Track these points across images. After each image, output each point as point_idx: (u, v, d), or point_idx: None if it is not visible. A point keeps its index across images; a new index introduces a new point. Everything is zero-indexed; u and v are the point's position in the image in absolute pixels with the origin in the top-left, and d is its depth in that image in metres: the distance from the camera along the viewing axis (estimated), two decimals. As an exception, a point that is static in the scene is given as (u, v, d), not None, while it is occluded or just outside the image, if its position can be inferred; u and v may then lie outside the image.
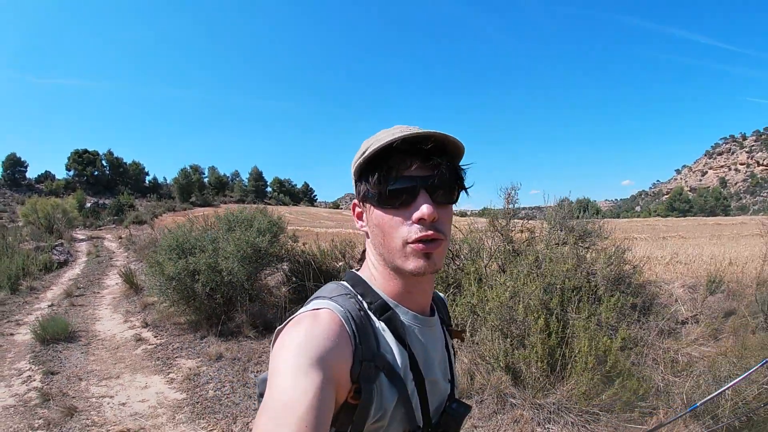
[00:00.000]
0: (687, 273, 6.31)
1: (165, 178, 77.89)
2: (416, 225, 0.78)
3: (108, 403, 4.21)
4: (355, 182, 0.87)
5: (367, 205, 0.86)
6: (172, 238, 6.67)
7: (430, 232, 0.79)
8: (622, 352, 3.64)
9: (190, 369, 4.98)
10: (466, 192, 0.86)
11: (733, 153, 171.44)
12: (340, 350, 0.73)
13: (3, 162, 59.57)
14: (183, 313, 6.46)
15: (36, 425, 3.79)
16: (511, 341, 3.77)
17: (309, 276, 6.29)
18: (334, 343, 0.72)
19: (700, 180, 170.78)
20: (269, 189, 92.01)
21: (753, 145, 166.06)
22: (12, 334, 6.68)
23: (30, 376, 4.95)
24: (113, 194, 56.90)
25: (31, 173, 64.34)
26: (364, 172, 0.83)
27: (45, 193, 49.15)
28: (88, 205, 40.16)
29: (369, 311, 0.84)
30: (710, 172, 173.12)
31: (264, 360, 5.02)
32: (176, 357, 5.42)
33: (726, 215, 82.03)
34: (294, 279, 6.57)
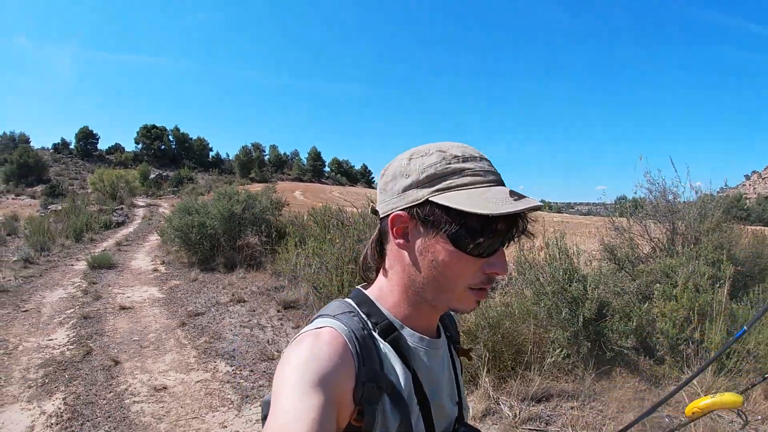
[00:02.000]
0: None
1: (228, 154, 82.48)
2: (485, 276, 0.78)
3: (120, 297, 7.17)
4: (415, 197, 0.78)
5: (428, 230, 0.78)
6: (182, 203, 9.68)
7: (491, 284, 0.81)
8: None
9: (174, 284, 7.94)
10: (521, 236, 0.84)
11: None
12: (343, 371, 0.71)
13: (76, 134, 66.75)
14: (185, 255, 9.49)
15: (77, 304, 6.77)
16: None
17: (273, 236, 9.08)
18: (337, 364, 0.71)
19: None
20: (327, 169, 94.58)
21: None
22: (73, 265, 9.94)
23: (79, 284, 8.02)
24: (177, 167, 61.96)
25: (102, 145, 71.15)
26: (444, 197, 0.76)
27: (114, 164, 55.11)
28: (152, 176, 45.08)
29: (373, 331, 0.82)
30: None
31: (221, 285, 7.84)
32: (170, 279, 8.42)
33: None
34: (265, 238, 9.38)
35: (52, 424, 3.41)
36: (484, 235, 0.75)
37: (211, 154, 79.80)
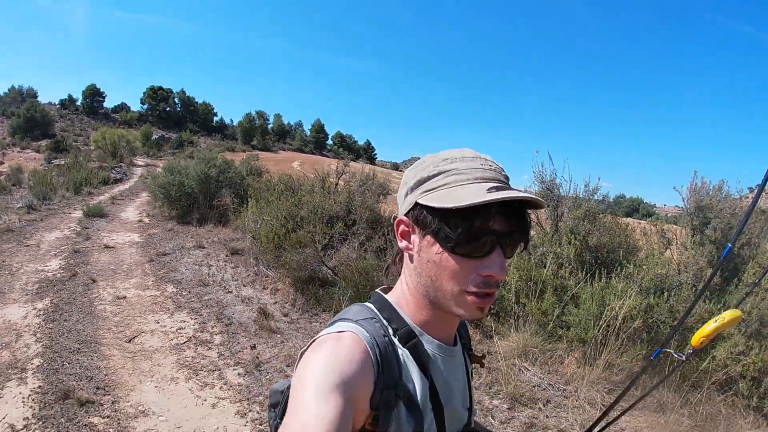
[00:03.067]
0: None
1: (232, 120, 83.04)
2: (481, 278, 0.77)
3: (106, 239, 8.63)
4: (408, 202, 0.83)
5: (424, 235, 0.81)
6: (168, 163, 11.09)
7: (492, 290, 0.79)
8: None
9: (153, 232, 9.41)
10: (527, 247, 0.84)
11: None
12: (363, 376, 0.73)
13: (84, 91, 68.07)
14: (167, 209, 10.96)
15: (72, 242, 8.21)
16: None
17: (246, 198, 10.51)
18: (357, 369, 0.72)
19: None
20: (330, 142, 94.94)
21: None
22: (70, 213, 11.40)
23: (74, 228, 9.46)
24: (182, 130, 63.04)
25: (109, 103, 72.45)
26: (433, 201, 0.78)
27: (119, 123, 56.48)
28: (155, 137, 46.34)
29: (393, 337, 0.83)
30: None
31: (190, 235, 9.27)
32: (151, 229, 9.88)
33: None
34: (237, 199, 10.80)
35: (40, 314, 4.83)
36: (466, 233, 0.75)
37: (216, 119, 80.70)
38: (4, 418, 3.02)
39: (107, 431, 2.99)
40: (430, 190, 0.80)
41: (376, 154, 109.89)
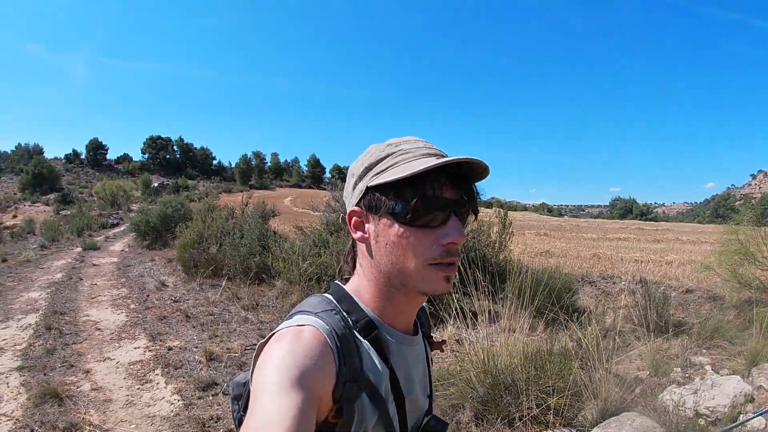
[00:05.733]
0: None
1: (230, 162, 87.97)
2: (442, 248, 0.80)
3: (94, 261, 12.84)
4: (368, 190, 0.84)
5: (379, 219, 0.84)
6: (140, 207, 15.37)
7: (454, 258, 0.82)
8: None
9: (127, 255, 13.66)
10: (476, 216, 0.88)
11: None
12: (323, 370, 0.73)
13: (87, 146, 74.31)
14: (141, 240, 15.24)
15: (71, 265, 12.38)
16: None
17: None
18: (317, 363, 0.73)
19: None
20: (328, 175, 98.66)
21: None
22: (73, 249, 15.70)
23: (77, 256, 13.66)
24: (182, 175, 67.86)
25: (112, 154, 78.58)
26: (383, 184, 0.82)
27: (122, 173, 61.66)
28: (155, 184, 51.13)
29: (354, 329, 0.85)
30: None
31: (149, 256, 13.38)
32: (127, 254, 14.12)
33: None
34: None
35: (48, 294, 8.93)
36: (421, 202, 0.78)
37: (214, 162, 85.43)
38: (29, 325, 7.08)
39: (72, 323, 7.02)
40: (380, 173, 0.83)
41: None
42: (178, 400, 4.13)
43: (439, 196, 0.79)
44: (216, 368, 4.77)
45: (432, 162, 0.77)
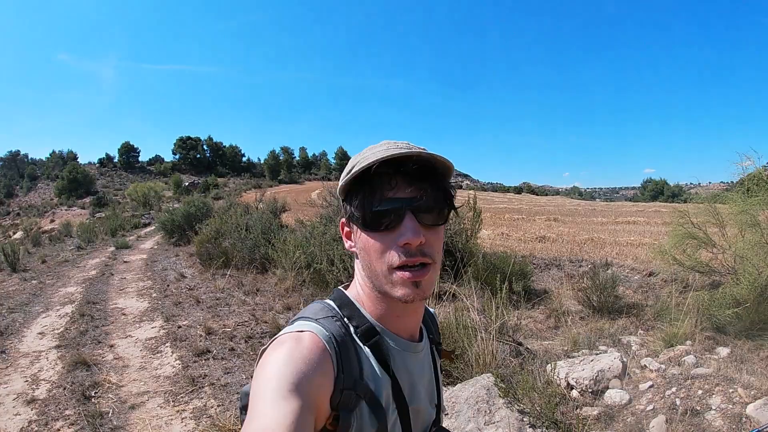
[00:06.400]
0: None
1: (259, 159, 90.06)
2: (400, 249, 0.79)
3: (125, 258, 14.04)
4: (342, 201, 0.88)
5: (354, 227, 0.86)
6: (166, 207, 16.55)
7: (416, 258, 0.79)
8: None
9: (155, 252, 14.84)
10: (456, 212, 0.87)
11: None
12: (322, 377, 0.73)
13: (119, 149, 77.22)
14: (168, 238, 16.45)
15: (105, 262, 13.61)
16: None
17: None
18: (316, 369, 0.73)
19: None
20: None
21: None
22: (107, 248, 17.02)
23: (110, 255, 14.91)
24: (212, 174, 69.76)
25: (144, 156, 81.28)
26: (349, 192, 0.85)
27: (155, 174, 63.94)
28: (186, 184, 53.07)
29: (355, 335, 0.84)
30: None
31: (174, 251, 14.53)
32: (155, 251, 15.31)
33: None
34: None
35: (83, 288, 10.06)
36: (368, 205, 0.79)
37: (244, 159, 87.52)
38: (66, 314, 8.16)
39: (102, 310, 8.06)
40: (346, 184, 0.85)
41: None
42: (179, 364, 5.08)
43: (387, 196, 0.79)
44: (212, 340, 5.72)
45: (370, 161, 0.78)
